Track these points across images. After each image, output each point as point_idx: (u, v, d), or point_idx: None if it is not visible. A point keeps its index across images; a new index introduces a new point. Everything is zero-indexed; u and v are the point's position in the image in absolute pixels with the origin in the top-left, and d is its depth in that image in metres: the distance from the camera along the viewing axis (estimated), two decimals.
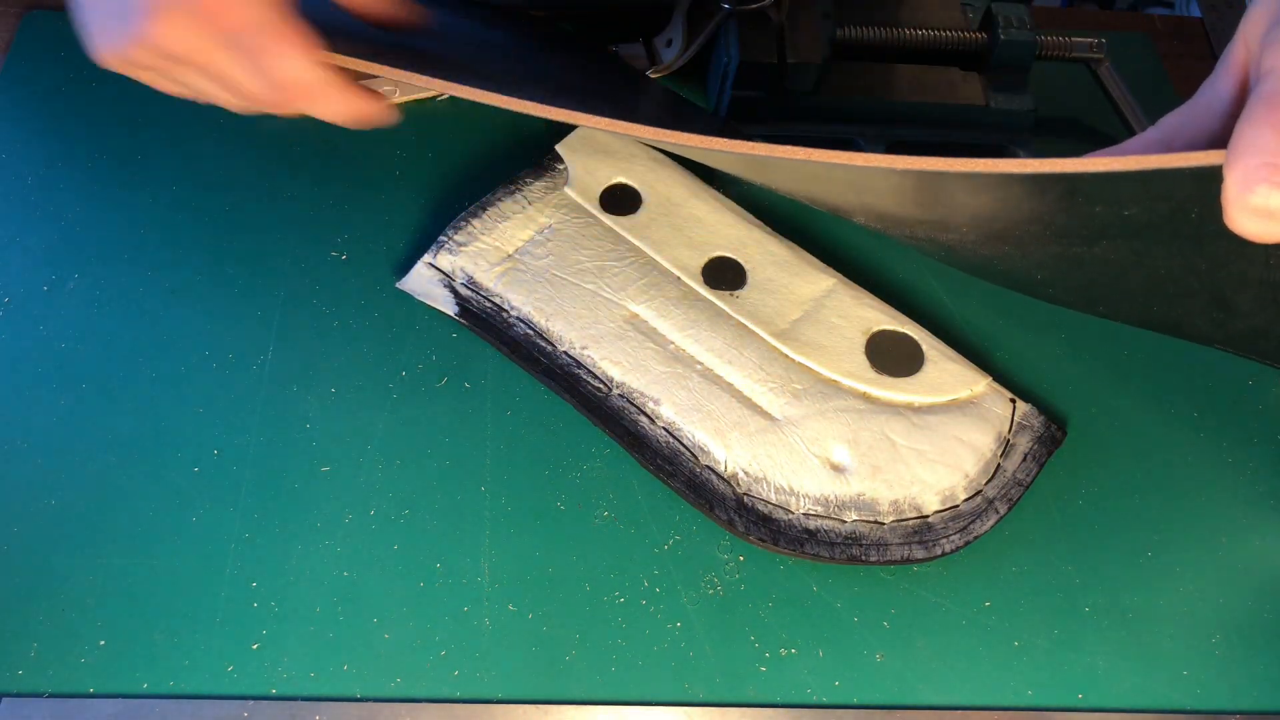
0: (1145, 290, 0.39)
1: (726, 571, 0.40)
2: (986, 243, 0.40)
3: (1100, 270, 0.39)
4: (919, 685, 0.38)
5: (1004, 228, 0.38)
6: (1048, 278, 0.41)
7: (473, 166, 0.50)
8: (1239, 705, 0.38)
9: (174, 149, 0.50)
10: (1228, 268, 0.37)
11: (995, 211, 0.37)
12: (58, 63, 0.52)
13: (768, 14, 0.51)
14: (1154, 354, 0.47)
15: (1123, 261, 0.38)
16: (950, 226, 0.39)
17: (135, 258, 0.46)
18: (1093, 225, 0.37)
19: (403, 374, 0.44)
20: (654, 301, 0.44)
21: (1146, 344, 0.47)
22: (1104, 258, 0.38)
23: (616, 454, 0.42)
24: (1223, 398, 0.46)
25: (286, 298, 0.45)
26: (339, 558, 0.39)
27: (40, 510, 0.39)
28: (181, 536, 0.39)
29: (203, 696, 0.36)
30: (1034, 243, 0.38)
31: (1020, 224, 0.37)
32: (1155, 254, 0.37)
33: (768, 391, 0.42)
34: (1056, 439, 0.43)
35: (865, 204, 0.40)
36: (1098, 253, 0.38)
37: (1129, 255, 0.37)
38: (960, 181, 0.34)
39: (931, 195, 0.37)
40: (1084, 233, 0.37)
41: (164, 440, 0.41)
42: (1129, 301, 0.41)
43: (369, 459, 0.41)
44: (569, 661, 0.37)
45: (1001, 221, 0.37)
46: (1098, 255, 0.38)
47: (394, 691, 0.36)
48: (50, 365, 0.43)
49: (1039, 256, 0.40)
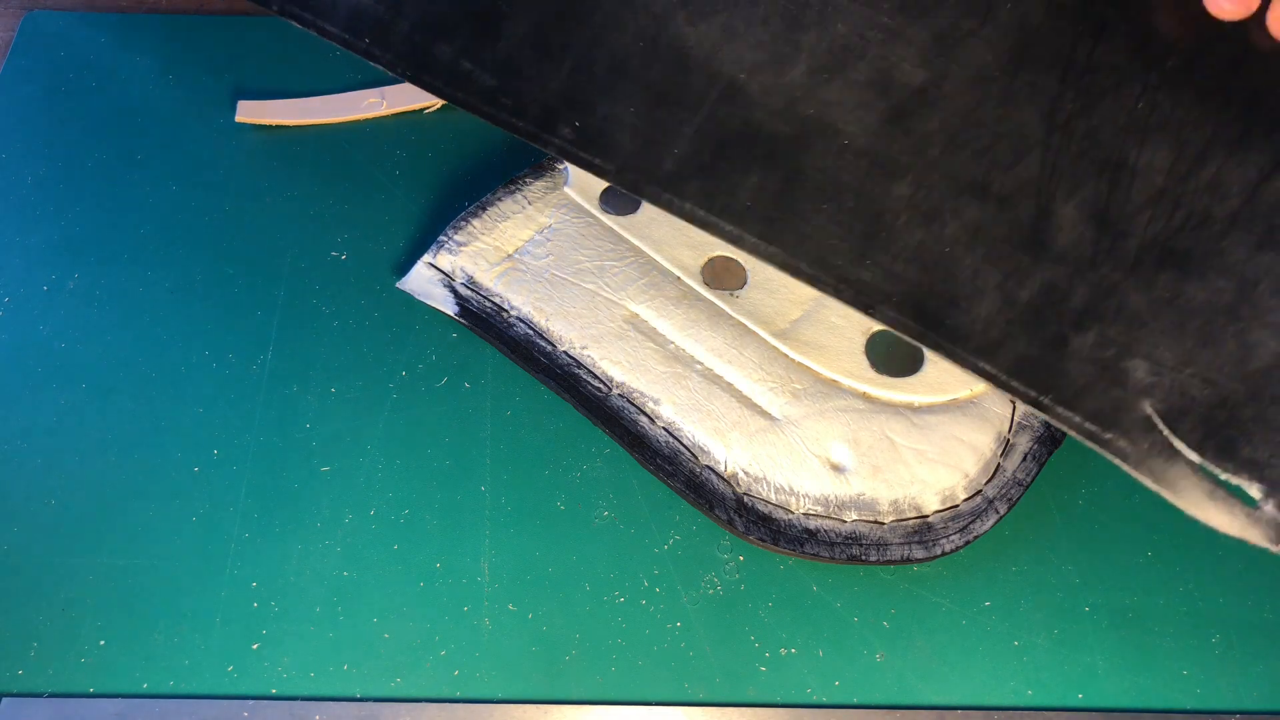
0: (966, 175, 0.32)
1: (726, 571, 0.40)
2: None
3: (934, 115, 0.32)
4: (919, 685, 0.38)
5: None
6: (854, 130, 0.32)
7: (473, 167, 0.50)
8: (1239, 705, 0.38)
9: (174, 149, 0.50)
10: (1091, 131, 0.32)
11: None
12: (58, 63, 0.52)
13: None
14: None
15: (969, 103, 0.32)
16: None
17: (135, 258, 0.46)
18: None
19: (403, 374, 0.44)
20: (654, 301, 0.44)
21: None
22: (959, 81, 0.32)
23: (616, 454, 0.42)
24: None
25: (286, 298, 0.45)
26: (339, 558, 0.39)
27: (40, 510, 0.39)
28: (181, 536, 0.39)
29: (203, 696, 0.36)
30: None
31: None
32: (1017, 88, 0.31)
33: (768, 391, 0.42)
34: (1056, 439, 0.43)
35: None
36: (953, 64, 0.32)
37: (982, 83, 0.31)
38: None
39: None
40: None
41: (164, 440, 0.41)
42: (934, 193, 0.32)
43: (369, 459, 0.41)
44: (569, 661, 0.37)
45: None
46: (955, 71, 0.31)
47: (394, 691, 0.36)
48: (50, 365, 0.43)
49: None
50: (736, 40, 0.31)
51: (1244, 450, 0.31)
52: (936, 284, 0.32)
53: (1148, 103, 0.32)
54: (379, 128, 0.51)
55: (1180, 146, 0.32)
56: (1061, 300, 0.32)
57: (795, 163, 0.31)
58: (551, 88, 0.32)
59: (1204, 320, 0.32)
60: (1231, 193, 0.32)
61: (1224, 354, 0.32)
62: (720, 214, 0.31)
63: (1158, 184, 0.32)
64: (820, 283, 0.32)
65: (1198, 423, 0.31)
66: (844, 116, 0.32)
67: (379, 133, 0.51)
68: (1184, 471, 0.31)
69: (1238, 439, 0.31)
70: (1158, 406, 0.31)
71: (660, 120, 0.32)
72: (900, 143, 0.32)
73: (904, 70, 0.32)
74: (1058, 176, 0.32)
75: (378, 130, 0.51)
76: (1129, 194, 0.32)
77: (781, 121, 0.32)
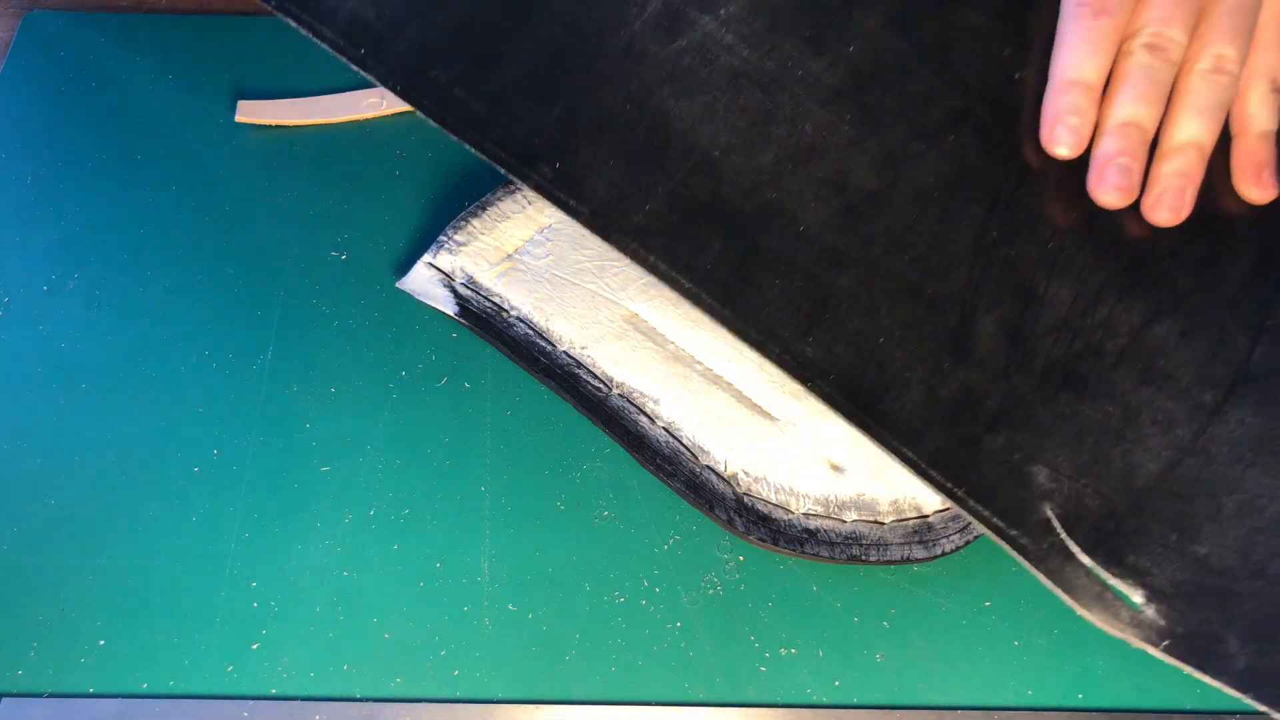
0: (903, 277, 0.35)
1: (726, 571, 0.40)
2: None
3: (888, 218, 0.35)
4: (919, 685, 0.38)
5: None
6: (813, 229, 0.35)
7: (473, 167, 0.50)
8: (1239, 705, 0.38)
9: (174, 149, 0.50)
10: (1010, 259, 0.35)
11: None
12: (58, 63, 0.52)
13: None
14: None
15: (912, 219, 0.35)
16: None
17: (135, 258, 0.46)
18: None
19: (403, 374, 0.44)
20: (654, 301, 0.44)
21: None
22: (908, 191, 0.35)
23: (616, 454, 0.42)
24: None
25: (286, 298, 0.45)
26: (339, 558, 0.39)
27: (40, 510, 0.39)
28: (181, 536, 0.39)
29: (203, 696, 0.36)
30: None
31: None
32: (953, 209, 0.35)
33: (768, 391, 0.42)
34: None
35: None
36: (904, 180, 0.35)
37: (924, 201, 0.34)
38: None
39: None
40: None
41: (164, 440, 0.41)
42: (869, 296, 0.35)
43: (369, 459, 0.41)
44: (569, 661, 0.37)
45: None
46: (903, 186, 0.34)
47: (394, 691, 0.36)
48: (50, 365, 0.43)
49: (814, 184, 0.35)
50: (715, 121, 0.34)
51: (1129, 558, 0.34)
52: (869, 370, 0.35)
53: (1056, 244, 0.36)
54: (379, 128, 0.51)
55: (1080, 286, 0.36)
56: (977, 403, 0.35)
57: (755, 239, 0.34)
58: (538, 128, 0.34)
59: (1096, 438, 0.35)
60: (1120, 332, 0.36)
61: (1112, 470, 0.35)
62: (682, 272, 0.34)
63: (1061, 315, 0.36)
64: (765, 349, 0.34)
65: (1090, 530, 0.34)
66: (802, 206, 0.34)
67: (379, 133, 0.51)
68: (1077, 573, 0.34)
69: (1124, 548, 0.34)
70: (1056, 511, 0.34)
71: (636, 178, 0.34)
72: (849, 238, 0.35)
73: (858, 175, 0.35)
74: (980, 292, 0.35)
75: (378, 130, 0.51)
76: (1038, 319, 0.35)
77: (747, 200, 0.34)
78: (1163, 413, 0.36)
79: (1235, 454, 0.35)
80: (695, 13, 0.35)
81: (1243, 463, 0.35)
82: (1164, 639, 0.33)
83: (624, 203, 0.34)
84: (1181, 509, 0.35)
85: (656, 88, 0.34)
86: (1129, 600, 0.34)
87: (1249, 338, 0.37)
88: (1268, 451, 0.35)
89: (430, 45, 0.34)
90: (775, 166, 0.34)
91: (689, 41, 0.35)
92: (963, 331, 0.35)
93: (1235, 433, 0.36)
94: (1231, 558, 0.34)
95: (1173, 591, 0.34)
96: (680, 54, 0.35)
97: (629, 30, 0.35)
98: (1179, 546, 0.34)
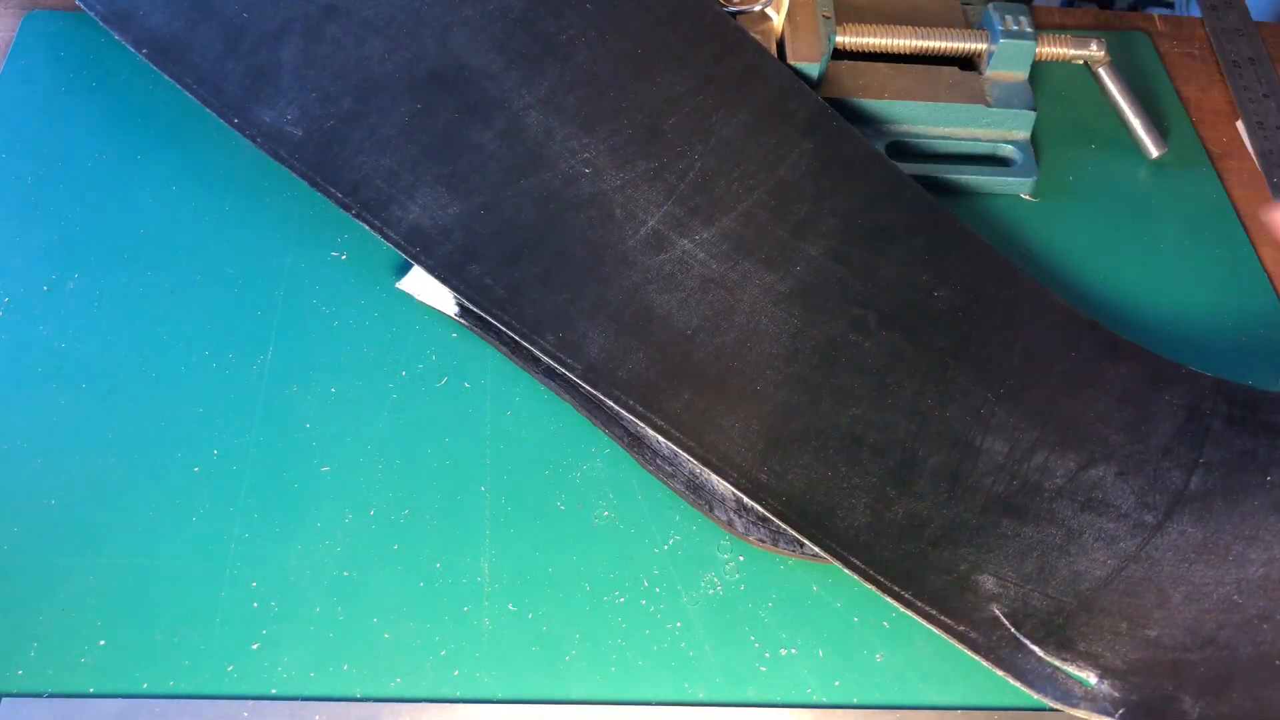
0: (848, 429, 0.40)
1: (726, 571, 0.40)
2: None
3: (839, 386, 0.41)
4: (919, 685, 0.38)
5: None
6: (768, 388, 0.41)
7: None
8: None
9: (174, 149, 0.50)
10: (946, 420, 0.41)
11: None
12: (58, 63, 0.52)
13: (767, 14, 0.51)
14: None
15: (858, 387, 0.41)
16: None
17: (135, 258, 0.46)
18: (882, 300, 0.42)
19: (403, 374, 0.44)
20: None
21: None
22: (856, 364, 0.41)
23: (616, 454, 0.42)
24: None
25: (286, 298, 0.45)
26: (339, 558, 0.39)
27: (40, 510, 0.39)
28: (181, 536, 0.39)
29: (203, 696, 0.36)
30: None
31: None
32: (890, 382, 0.41)
33: None
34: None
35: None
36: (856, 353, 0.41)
37: (878, 375, 0.41)
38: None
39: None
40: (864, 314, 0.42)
41: (164, 440, 0.41)
42: (820, 445, 0.40)
43: (369, 459, 0.41)
44: (569, 661, 0.37)
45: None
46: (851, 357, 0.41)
47: (394, 691, 0.36)
48: (50, 365, 0.43)
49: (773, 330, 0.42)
50: (688, 310, 0.42)
51: (1080, 645, 0.37)
52: (818, 494, 0.39)
53: (988, 410, 0.41)
54: None
55: (1014, 442, 0.41)
56: (922, 526, 0.39)
57: (718, 393, 0.41)
58: (547, 307, 0.42)
59: (1040, 554, 0.39)
60: (1057, 475, 0.40)
61: (1058, 578, 0.38)
62: (655, 414, 0.40)
63: (998, 462, 0.40)
64: (724, 473, 0.39)
65: (1039, 624, 0.37)
66: (759, 374, 0.41)
67: None
68: (1027, 659, 0.37)
69: (1075, 638, 0.37)
70: (1004, 610, 0.37)
71: (623, 346, 0.41)
72: (799, 397, 0.41)
73: (805, 354, 0.42)
74: (919, 442, 0.40)
75: None
76: (975, 464, 0.40)
77: (713, 365, 0.41)
78: (1105, 532, 0.39)
79: (1179, 556, 0.39)
80: (676, 236, 0.43)
81: (1186, 562, 0.39)
82: (1119, 709, 0.36)
83: (611, 363, 0.41)
84: (1130, 603, 0.38)
85: (644, 285, 0.42)
86: (1082, 680, 0.36)
87: (1183, 472, 0.41)
88: (1210, 551, 0.39)
89: (470, 248, 0.43)
90: (736, 344, 0.42)
91: (670, 255, 0.43)
92: (904, 471, 0.40)
93: (1178, 541, 0.39)
94: (1182, 635, 0.37)
95: (1125, 668, 0.36)
96: (664, 263, 0.43)
97: (624, 246, 0.43)
98: (1130, 632, 0.37)
